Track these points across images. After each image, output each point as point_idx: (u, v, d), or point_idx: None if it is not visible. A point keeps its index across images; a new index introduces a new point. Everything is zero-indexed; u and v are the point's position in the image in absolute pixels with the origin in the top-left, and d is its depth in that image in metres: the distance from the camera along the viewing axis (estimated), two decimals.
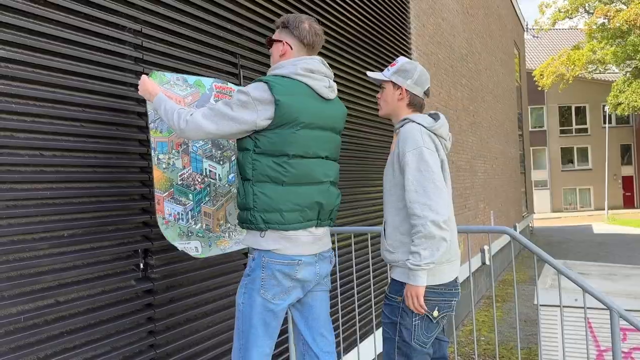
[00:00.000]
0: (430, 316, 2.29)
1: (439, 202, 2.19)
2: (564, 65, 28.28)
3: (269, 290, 2.09)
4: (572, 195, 34.53)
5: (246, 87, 2.08)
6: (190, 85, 2.35)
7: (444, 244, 2.20)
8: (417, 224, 2.20)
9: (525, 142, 18.72)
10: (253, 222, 2.08)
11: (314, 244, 2.17)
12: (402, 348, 2.31)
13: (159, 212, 2.22)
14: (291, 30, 2.20)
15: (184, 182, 2.28)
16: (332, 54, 4.21)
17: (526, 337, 6.35)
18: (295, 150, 2.08)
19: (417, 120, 2.36)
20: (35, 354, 1.92)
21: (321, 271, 2.22)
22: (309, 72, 2.14)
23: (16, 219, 1.90)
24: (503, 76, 13.32)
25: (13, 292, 1.87)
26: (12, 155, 1.89)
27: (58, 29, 2.07)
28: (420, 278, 2.22)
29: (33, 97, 1.97)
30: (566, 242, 16.66)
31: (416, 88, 2.43)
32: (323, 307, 2.30)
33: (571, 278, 2.59)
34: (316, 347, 2.26)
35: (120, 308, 2.25)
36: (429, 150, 2.27)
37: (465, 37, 9.02)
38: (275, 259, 2.08)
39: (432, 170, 2.22)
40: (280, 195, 2.06)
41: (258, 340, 2.12)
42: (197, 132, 2.06)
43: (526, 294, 8.49)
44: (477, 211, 9.10)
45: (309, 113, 2.11)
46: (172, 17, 2.62)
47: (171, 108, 2.11)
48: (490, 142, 10.97)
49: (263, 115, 2.04)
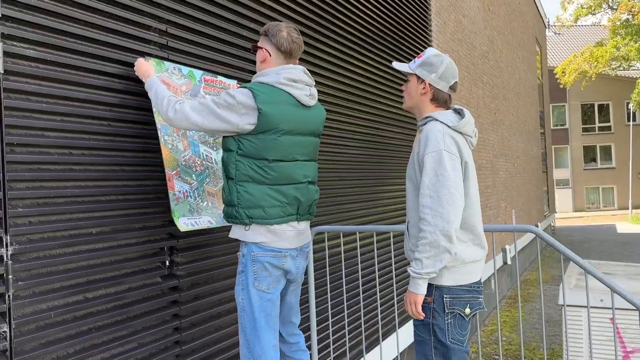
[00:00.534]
0: (462, 314, 2.28)
1: (450, 211, 2.15)
2: (586, 62, 27.82)
3: (262, 282, 2.23)
4: (595, 194, 33.98)
5: (233, 91, 2.18)
6: (184, 75, 2.45)
7: (448, 256, 2.17)
8: (426, 230, 2.17)
9: (547, 141, 18.48)
10: (238, 217, 2.22)
11: (296, 238, 2.32)
12: (439, 348, 2.28)
13: (170, 188, 2.30)
14: (270, 38, 2.31)
15: (186, 163, 2.39)
16: (353, 51, 4.21)
17: (548, 338, 6.27)
18: (274, 155, 2.20)
19: (441, 119, 2.29)
20: (65, 350, 1.95)
21: (300, 265, 2.38)
22: (291, 82, 2.25)
23: (46, 216, 1.93)
24: (524, 73, 13.16)
25: (43, 288, 1.90)
26: (42, 154, 1.92)
27: (85, 28, 2.10)
28: (420, 286, 2.22)
29: (62, 96, 2.00)
30: (588, 241, 16.40)
31: (440, 83, 2.34)
32: (296, 299, 2.49)
33: (599, 278, 2.55)
34: (285, 332, 2.47)
35: (147, 305, 2.28)
36: (450, 154, 2.21)
37: (486, 34, 8.94)
38: (263, 251, 2.23)
39: (449, 176, 2.17)
40: (262, 193, 2.20)
41: (263, 332, 2.24)
42: (184, 122, 2.17)
43: (548, 294, 8.38)
44: (498, 210, 9.01)
45: (290, 121, 2.23)
46: (197, 17, 2.64)
47: (161, 94, 2.20)
48: (511, 141, 10.85)
49: (246, 120, 2.15)
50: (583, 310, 4.17)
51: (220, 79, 2.64)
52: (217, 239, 2.73)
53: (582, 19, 30.12)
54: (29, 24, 1.90)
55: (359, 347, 3.91)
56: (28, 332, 1.84)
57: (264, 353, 2.24)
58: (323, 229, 3.39)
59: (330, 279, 3.65)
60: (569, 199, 33.78)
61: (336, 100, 3.91)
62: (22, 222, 1.85)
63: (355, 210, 4.14)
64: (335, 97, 3.89)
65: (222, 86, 2.63)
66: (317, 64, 3.66)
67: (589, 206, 33.83)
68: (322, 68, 3.73)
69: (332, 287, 3.68)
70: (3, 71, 1.79)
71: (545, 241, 2.71)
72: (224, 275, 2.75)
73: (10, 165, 1.82)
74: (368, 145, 4.40)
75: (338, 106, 3.93)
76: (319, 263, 3.54)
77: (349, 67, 4.11)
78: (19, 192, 1.84)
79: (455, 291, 2.26)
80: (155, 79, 2.25)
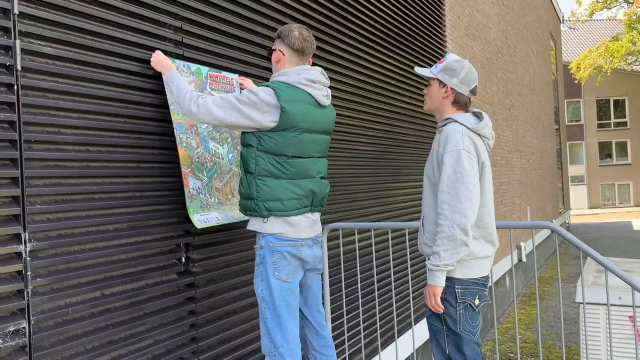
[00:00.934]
0: (473, 305, 2.40)
1: (467, 207, 2.28)
2: (602, 57, 27.47)
3: (282, 271, 2.30)
4: (611, 190, 33.59)
5: (256, 89, 2.26)
6: (192, 72, 2.49)
7: (465, 249, 2.30)
8: (444, 224, 2.30)
9: (562, 137, 18.28)
10: (256, 210, 2.29)
11: (311, 228, 2.41)
12: (452, 337, 2.43)
13: (185, 186, 2.33)
14: (283, 39, 2.40)
15: (199, 160, 2.43)
16: (367, 47, 4.18)
17: (564, 336, 6.21)
18: (293, 152, 2.29)
19: (460, 120, 2.41)
20: (83, 346, 1.96)
21: (317, 253, 2.45)
22: (310, 82, 2.35)
23: (64, 213, 1.94)
24: (539, 69, 13.03)
25: (61, 284, 1.91)
26: (59, 151, 1.93)
27: (101, 25, 2.10)
28: (439, 278, 2.34)
29: (79, 93, 2.01)
30: (603, 238, 16.21)
31: (462, 87, 2.47)
32: (319, 287, 2.57)
33: (619, 275, 2.51)
34: (314, 321, 2.54)
35: (163, 301, 2.29)
36: (468, 153, 2.33)
37: (500, 29, 8.85)
38: (282, 241, 2.30)
39: (467, 174, 2.30)
40: (280, 186, 2.28)
41: (284, 321, 2.29)
42: (206, 117, 2.24)
43: (563, 292, 8.30)
44: (513, 207, 8.93)
45: (308, 119, 2.32)
46: (212, 14, 2.64)
47: (183, 88, 2.26)
48: (526, 137, 10.75)
49: (268, 118, 2.23)
50: (601, 308, 4.12)
51: (224, 74, 2.68)
52: (232, 235, 2.73)
53: (598, 14, 29.75)
54: (46, 21, 1.91)
55: (375, 344, 3.90)
56: (47, 328, 1.85)
57: (286, 342, 2.29)
58: (337, 226, 3.38)
59: (345, 275, 3.64)
60: (584, 196, 33.42)
61: (350, 97, 3.89)
62: (40, 219, 1.86)
63: (369, 207, 4.12)
64: (349, 94, 3.87)
65: (226, 81, 2.66)
66: (331, 60, 3.65)
67: (605, 203, 33.45)
68: (335, 64, 3.71)
69: (347, 284, 3.67)
70: (21, 68, 1.80)
71: (563, 237, 2.68)
72: (240, 272, 2.75)
73: (28, 162, 1.83)
74: (382, 142, 4.37)
75: (352, 103, 3.92)
76: (334, 260, 3.53)
77: (362, 63, 4.09)
78: (37, 189, 1.84)
79: (466, 283, 2.39)
80: (176, 72, 2.30)
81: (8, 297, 1.75)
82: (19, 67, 1.79)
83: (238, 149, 2.70)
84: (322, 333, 2.56)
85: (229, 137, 2.66)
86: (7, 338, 1.72)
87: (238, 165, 2.67)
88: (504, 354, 5.87)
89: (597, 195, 33.52)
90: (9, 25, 1.78)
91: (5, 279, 1.75)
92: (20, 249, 1.78)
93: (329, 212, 3.53)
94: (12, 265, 1.75)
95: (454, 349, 2.44)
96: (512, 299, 8.22)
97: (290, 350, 2.30)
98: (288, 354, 2.29)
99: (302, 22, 3.34)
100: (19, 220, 1.78)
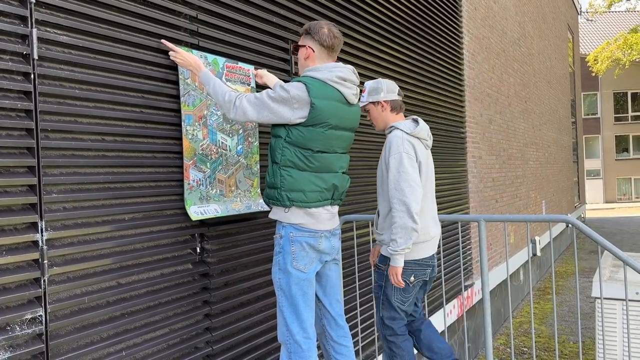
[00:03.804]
0: (407, 281, 2.85)
1: (412, 199, 2.70)
2: (620, 49, 27.04)
3: (300, 261, 2.33)
4: (627, 185, 33.17)
5: (287, 85, 2.28)
6: (209, 63, 2.48)
7: (415, 233, 2.72)
8: (395, 215, 2.73)
9: (578, 130, 18.07)
10: (279, 199, 2.33)
11: (330, 220, 2.45)
12: (386, 304, 2.93)
13: (186, 177, 2.34)
14: (312, 36, 2.43)
15: (203, 152, 2.43)
16: (384, 39, 4.14)
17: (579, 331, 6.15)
18: (319, 147, 2.33)
19: (400, 127, 2.83)
20: (98, 334, 1.97)
21: (335, 245, 2.49)
22: (342, 80, 2.38)
23: (80, 202, 1.94)
24: (556, 61, 12.86)
25: (77, 273, 1.92)
26: (75, 140, 1.93)
27: (117, 14, 2.10)
28: (398, 260, 2.75)
29: (95, 82, 2.00)
30: (620, 233, 16.03)
31: (390, 95, 2.92)
32: (338, 277, 2.60)
33: (638, 270, 2.47)
34: (332, 311, 2.57)
35: (178, 291, 2.29)
36: (408, 155, 2.76)
37: (517, 21, 8.73)
38: (301, 232, 2.34)
39: (408, 172, 2.73)
40: (304, 178, 2.32)
41: (301, 309, 2.33)
42: (242, 117, 2.29)
43: (578, 286, 8.22)
44: (528, 200, 8.85)
45: (336, 116, 2.36)
46: (227, 3, 2.62)
47: (221, 89, 2.30)
48: (542, 130, 10.63)
49: (298, 115, 2.27)
50: (617, 303, 4.07)
51: (240, 64, 2.67)
52: (247, 226, 2.72)
53: (616, 5, 29.25)
54: (62, 9, 1.90)
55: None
56: (63, 316, 1.86)
57: (302, 329, 2.32)
58: (351, 218, 3.36)
59: (359, 267, 3.63)
60: (599, 190, 33.06)
61: None
62: (57, 208, 1.87)
63: None
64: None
65: (242, 72, 2.65)
66: (347, 52, 3.61)
67: (621, 197, 33.06)
68: (351, 55, 3.68)
69: (361, 276, 3.66)
70: (37, 57, 1.80)
71: (582, 231, 2.64)
72: (253, 262, 2.75)
73: (45, 151, 1.83)
74: None
75: None
76: (347, 252, 3.52)
77: (379, 54, 4.05)
78: (54, 178, 1.85)
79: (406, 264, 2.81)
80: (209, 72, 2.34)
81: (25, 285, 1.77)
82: (35, 55, 1.79)
83: (249, 141, 2.69)
84: (341, 323, 2.58)
85: (240, 128, 2.66)
86: (24, 326, 1.74)
87: (247, 157, 2.67)
88: (517, 348, 5.84)
89: (613, 189, 33.12)
90: (25, 14, 1.78)
91: (22, 267, 1.76)
92: (36, 238, 1.78)
93: (343, 205, 3.52)
94: (28, 254, 1.76)
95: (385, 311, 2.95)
96: (525, 293, 8.15)
97: (307, 339, 2.33)
98: (304, 342, 2.32)
99: (318, 13, 3.31)
100: (36, 209, 1.79)
